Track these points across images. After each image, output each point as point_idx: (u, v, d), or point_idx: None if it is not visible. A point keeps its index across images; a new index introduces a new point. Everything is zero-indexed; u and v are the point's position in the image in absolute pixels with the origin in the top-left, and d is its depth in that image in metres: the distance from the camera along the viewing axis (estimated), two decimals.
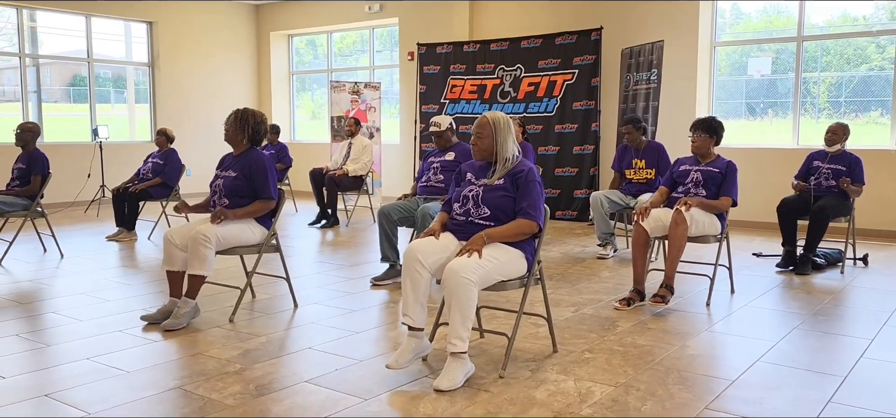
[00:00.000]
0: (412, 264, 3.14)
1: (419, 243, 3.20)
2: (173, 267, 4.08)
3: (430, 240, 3.24)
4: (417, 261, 3.13)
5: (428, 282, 3.17)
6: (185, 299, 4.03)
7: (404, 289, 3.17)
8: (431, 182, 5.23)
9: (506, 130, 3.38)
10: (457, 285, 3.00)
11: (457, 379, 3.06)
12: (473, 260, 3.06)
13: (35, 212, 6.09)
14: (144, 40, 11.18)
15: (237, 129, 4.26)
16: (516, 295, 4.53)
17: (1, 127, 10.28)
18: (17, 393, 3.04)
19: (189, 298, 4.03)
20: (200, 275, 3.99)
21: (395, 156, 10.76)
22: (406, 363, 3.18)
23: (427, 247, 3.18)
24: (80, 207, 9.75)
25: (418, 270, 3.13)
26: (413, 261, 3.13)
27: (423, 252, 3.15)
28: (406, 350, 3.20)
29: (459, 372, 3.08)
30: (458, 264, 3.04)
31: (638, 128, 6.25)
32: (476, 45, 9.39)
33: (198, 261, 3.95)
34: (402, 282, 3.21)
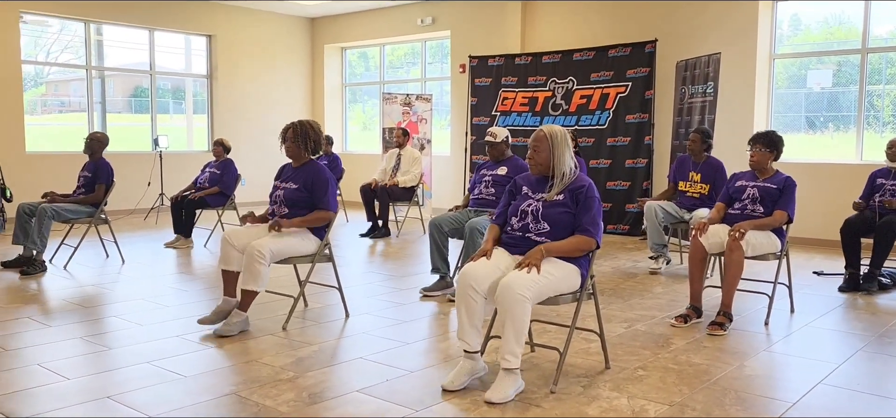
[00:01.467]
0: (466, 290, 3.14)
1: (472, 268, 3.20)
2: (229, 266, 4.17)
3: (482, 263, 3.22)
4: (471, 288, 3.13)
5: (482, 306, 3.17)
6: (237, 311, 4.11)
7: (459, 314, 3.19)
8: (483, 195, 5.22)
9: (563, 144, 3.36)
10: (512, 301, 2.99)
11: (508, 393, 3.04)
12: (531, 275, 3.05)
13: (98, 219, 6.29)
14: (204, 53, 11.50)
15: (298, 143, 4.33)
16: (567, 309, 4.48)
17: (69, 135, 10.69)
18: (81, 393, 3.14)
19: (241, 311, 4.11)
20: (253, 291, 4.06)
21: (445, 167, 10.80)
22: (461, 384, 3.19)
23: (480, 272, 3.17)
24: (140, 214, 10.05)
25: (472, 296, 3.14)
26: (466, 288, 3.14)
27: (475, 277, 3.15)
28: (462, 371, 3.21)
29: (511, 386, 3.06)
30: (514, 279, 3.03)
31: (704, 139, 6.13)
32: (528, 57, 9.37)
33: (251, 277, 4.03)
34: (456, 307, 3.22)
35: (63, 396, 3.10)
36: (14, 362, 3.57)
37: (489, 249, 3.31)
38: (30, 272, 5.78)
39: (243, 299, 4.09)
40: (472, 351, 3.21)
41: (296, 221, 4.23)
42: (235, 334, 4.07)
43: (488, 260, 3.23)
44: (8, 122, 9.13)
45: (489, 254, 3.27)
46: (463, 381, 3.19)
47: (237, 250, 4.13)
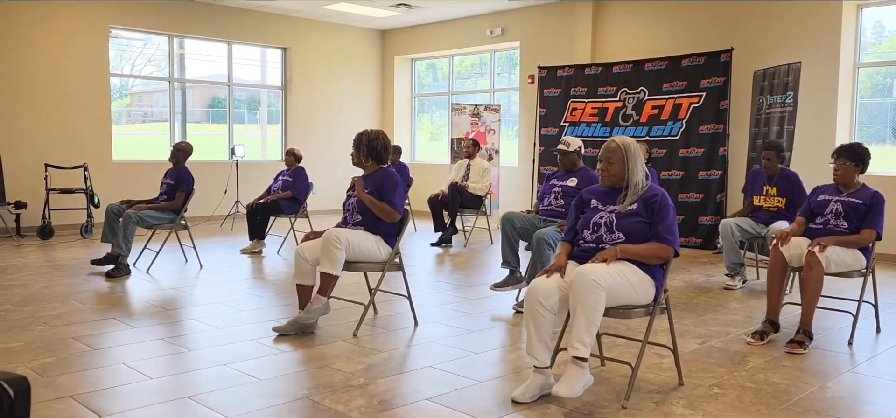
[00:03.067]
0: (534, 306, 3.13)
1: (540, 284, 3.18)
2: (303, 281, 4.28)
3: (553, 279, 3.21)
4: (539, 303, 3.12)
5: (551, 322, 3.16)
6: (316, 296, 4.22)
7: (527, 330, 3.18)
8: (552, 206, 5.18)
9: (636, 155, 3.33)
10: (585, 288, 2.97)
11: (576, 389, 3.01)
12: (603, 267, 3.03)
13: (179, 225, 6.55)
14: (278, 65, 11.83)
15: (358, 152, 4.47)
16: (637, 323, 4.41)
17: (151, 144, 11.17)
18: (162, 393, 3.27)
19: (320, 295, 4.21)
20: (331, 274, 4.16)
21: (513, 178, 10.77)
22: (531, 398, 3.18)
23: (548, 288, 3.16)
24: (217, 221, 10.40)
25: (540, 312, 3.13)
26: (535, 304, 3.13)
27: (544, 293, 3.14)
28: (531, 386, 3.20)
29: (579, 381, 3.03)
30: (589, 268, 3.03)
31: (779, 154, 5.94)
32: (598, 67, 9.27)
33: (328, 260, 4.14)
34: (524, 322, 3.21)
35: (146, 395, 3.24)
36: (101, 361, 3.75)
37: (563, 265, 3.28)
38: (115, 275, 6.06)
39: (322, 283, 4.21)
40: (542, 366, 3.19)
41: (368, 199, 4.34)
42: (315, 321, 4.18)
43: (562, 277, 3.21)
44: (97, 132, 9.61)
45: (563, 270, 3.25)
46: (533, 394, 3.18)
47: (310, 264, 4.25)
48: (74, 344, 4.02)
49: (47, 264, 6.71)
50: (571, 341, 3.02)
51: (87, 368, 3.60)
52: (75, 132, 9.40)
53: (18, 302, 5.08)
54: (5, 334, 4.21)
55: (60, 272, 6.29)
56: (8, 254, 7.34)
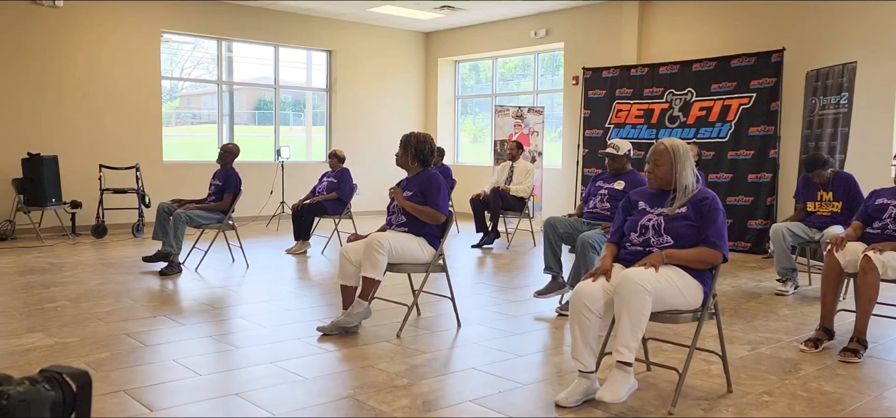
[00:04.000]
0: (580, 310, 3.10)
1: (585, 288, 3.15)
2: (347, 281, 4.32)
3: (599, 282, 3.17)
4: (585, 307, 3.09)
5: (596, 325, 3.12)
6: (358, 300, 4.25)
7: (573, 334, 3.15)
8: (598, 209, 5.13)
9: (685, 158, 3.27)
10: (631, 292, 2.93)
11: (620, 394, 2.98)
12: (650, 272, 2.98)
13: (227, 225, 6.68)
14: (324, 67, 11.97)
15: (405, 154, 4.48)
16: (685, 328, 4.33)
17: (200, 146, 11.41)
18: (211, 389, 3.34)
19: (362, 299, 4.24)
20: (373, 278, 4.18)
21: (556, 180, 10.70)
22: (575, 402, 3.14)
23: (594, 291, 3.12)
24: (263, 221, 10.57)
25: (586, 316, 3.09)
26: (580, 307, 3.10)
27: (589, 297, 3.10)
28: (576, 390, 3.16)
29: (623, 386, 2.99)
30: (635, 272, 2.99)
31: (823, 167, 5.76)
32: (644, 68, 9.14)
33: (370, 264, 4.16)
34: (570, 325, 3.18)
35: (196, 391, 3.31)
36: (152, 357, 3.84)
37: (608, 268, 3.24)
38: (167, 272, 6.21)
39: (364, 287, 4.23)
40: (587, 371, 3.16)
41: (410, 205, 4.36)
42: (357, 325, 4.21)
43: (607, 280, 3.17)
44: (149, 134, 9.85)
45: (608, 274, 3.21)
46: (577, 399, 3.14)
47: (354, 265, 4.28)
48: (127, 341, 4.13)
49: (101, 262, 6.91)
50: (616, 345, 2.98)
51: (140, 364, 3.70)
52: (128, 134, 9.66)
53: (74, 298, 5.24)
54: (62, 329, 4.35)
55: (113, 270, 6.46)
56: (64, 251, 7.58)
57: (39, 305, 4.99)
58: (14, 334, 4.22)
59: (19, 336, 4.19)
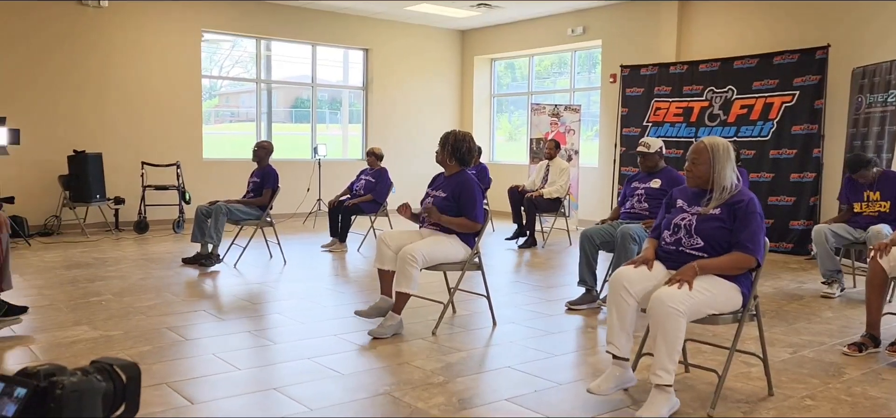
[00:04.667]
0: (618, 292, 3.06)
1: (626, 271, 3.12)
2: (384, 265, 4.35)
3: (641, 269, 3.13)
4: (624, 289, 3.05)
5: (635, 310, 3.08)
6: (391, 313, 4.26)
7: (610, 317, 3.11)
8: (635, 209, 5.08)
9: (725, 157, 3.19)
10: (664, 316, 2.88)
11: (661, 412, 2.93)
12: (683, 290, 2.92)
13: (265, 221, 6.77)
14: (360, 65, 12.05)
15: (444, 152, 4.47)
16: (724, 330, 4.27)
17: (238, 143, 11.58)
18: (250, 384, 3.39)
19: (395, 313, 4.25)
20: (406, 293, 4.19)
21: (593, 179, 10.61)
22: (608, 390, 3.11)
23: (634, 275, 3.09)
24: (300, 218, 10.68)
25: (625, 298, 3.05)
26: (619, 289, 3.06)
27: (629, 280, 3.07)
28: (609, 377, 3.13)
29: (664, 405, 2.95)
30: (667, 293, 2.92)
31: (867, 167, 5.62)
32: (683, 66, 9.02)
33: (404, 278, 4.17)
34: (607, 310, 3.15)
35: (235, 385, 3.36)
36: (193, 351, 3.91)
37: (651, 258, 3.19)
38: (207, 265, 6.32)
39: (397, 301, 4.24)
40: (621, 357, 3.12)
41: (445, 219, 4.35)
42: (389, 336, 4.22)
43: (649, 270, 3.13)
44: (189, 132, 10.03)
45: (650, 263, 3.16)
46: (610, 387, 3.11)
47: (391, 250, 4.31)
48: (168, 334, 4.21)
49: (143, 257, 7.06)
50: (654, 369, 2.93)
51: (181, 357, 3.77)
52: (169, 131, 9.85)
53: (117, 292, 5.36)
54: (106, 322, 4.45)
55: (154, 265, 6.60)
56: (108, 246, 7.76)
57: (85, 299, 5.12)
58: (61, 326, 4.33)
59: (66, 328, 4.30)
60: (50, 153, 8.80)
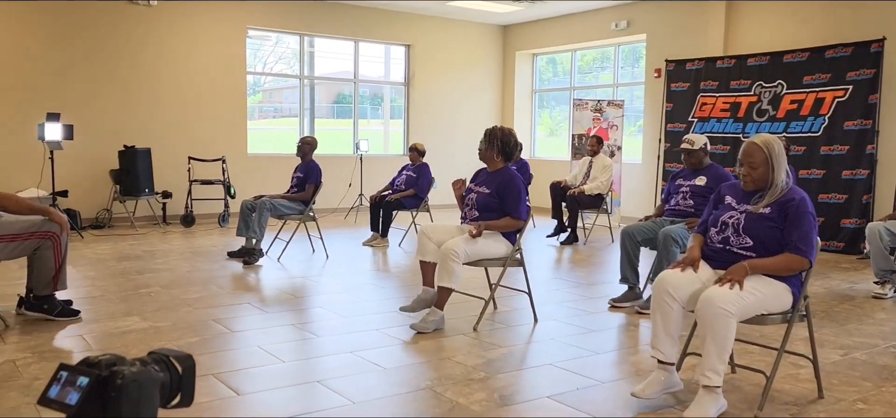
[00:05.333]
0: (662, 297, 3.02)
1: (670, 275, 3.06)
2: (426, 257, 4.36)
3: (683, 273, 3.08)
4: (668, 295, 3.01)
5: (679, 315, 3.03)
6: (434, 309, 4.28)
7: (654, 322, 3.07)
8: (680, 207, 4.99)
9: (780, 155, 3.10)
10: (714, 316, 2.82)
11: (709, 413, 2.88)
12: (733, 290, 2.86)
13: (307, 216, 6.85)
14: (402, 61, 12.10)
15: (489, 147, 4.47)
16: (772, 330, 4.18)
17: (282, 139, 11.74)
18: (294, 376, 3.44)
19: (437, 309, 4.26)
20: (448, 288, 4.20)
21: (636, 175, 10.48)
22: (653, 395, 3.07)
23: (678, 280, 3.03)
24: (341, 213, 10.79)
25: (669, 303, 3.01)
26: (663, 295, 3.02)
27: (673, 284, 3.02)
28: (654, 382, 3.09)
29: (712, 406, 2.90)
30: (716, 293, 2.86)
31: None
32: (731, 60, 8.84)
33: (446, 274, 4.18)
34: (651, 314, 3.11)
35: (279, 377, 3.41)
36: (238, 343, 3.98)
37: (697, 258, 3.13)
38: (250, 261, 6.43)
39: (439, 296, 4.25)
40: (667, 362, 3.07)
41: (490, 225, 4.34)
42: (430, 331, 4.24)
43: (695, 271, 3.08)
44: (234, 127, 10.21)
45: (696, 264, 3.11)
46: (655, 392, 3.07)
47: (433, 242, 4.32)
48: (214, 326, 4.29)
49: (189, 250, 7.21)
50: (703, 369, 2.88)
51: (226, 349, 3.84)
52: (215, 127, 10.03)
53: (165, 284, 5.49)
54: (155, 314, 4.57)
55: (201, 258, 6.73)
56: (156, 239, 7.95)
57: (134, 290, 5.26)
58: (113, 317, 4.46)
59: (117, 319, 4.42)
60: (101, 148, 9.04)
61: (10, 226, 4.08)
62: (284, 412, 2.96)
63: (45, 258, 4.14)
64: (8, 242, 4.05)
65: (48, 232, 4.13)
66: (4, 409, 2.92)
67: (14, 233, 4.07)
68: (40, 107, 8.37)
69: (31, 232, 4.10)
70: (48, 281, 4.19)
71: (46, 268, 4.16)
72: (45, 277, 4.18)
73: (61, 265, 4.21)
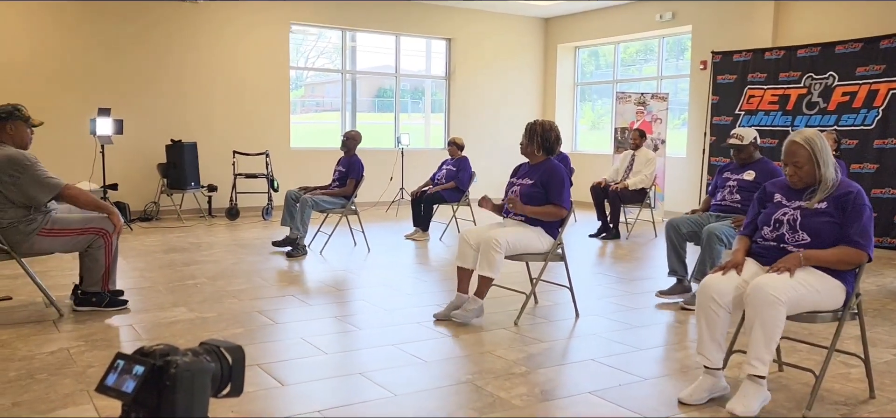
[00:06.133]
0: (707, 303, 2.97)
1: (714, 281, 3.01)
2: (465, 264, 4.36)
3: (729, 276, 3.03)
4: (712, 301, 2.96)
5: (725, 320, 2.98)
6: (473, 297, 4.28)
7: (699, 327, 3.02)
8: (726, 201, 4.90)
9: (824, 149, 3.04)
10: (763, 303, 2.77)
11: (752, 406, 2.83)
12: (784, 278, 2.81)
13: (349, 210, 6.91)
14: (443, 55, 12.11)
15: (530, 142, 4.45)
16: (822, 328, 4.09)
17: (324, 133, 11.86)
18: (337, 368, 3.48)
19: (477, 297, 4.27)
20: (489, 277, 4.20)
21: (680, 169, 10.32)
22: (700, 400, 3.02)
23: (723, 284, 2.98)
24: (383, 207, 10.86)
25: (714, 309, 2.96)
26: (708, 301, 2.97)
27: (718, 290, 2.96)
28: (701, 387, 3.04)
29: (756, 398, 2.85)
30: (768, 280, 2.81)
31: None
32: (780, 51, 8.62)
33: (487, 263, 4.18)
34: (696, 319, 3.06)
35: (322, 368, 3.46)
36: (282, 334, 4.05)
37: (740, 262, 3.08)
38: (294, 254, 6.52)
39: (480, 285, 4.26)
40: (713, 367, 3.03)
41: (529, 209, 4.32)
42: (471, 320, 4.24)
43: (738, 274, 3.02)
44: (278, 122, 10.35)
45: (740, 268, 3.05)
46: (702, 397, 3.02)
47: (473, 249, 4.31)
48: (259, 317, 4.37)
49: (234, 243, 7.34)
50: (749, 358, 2.83)
51: (271, 340, 3.91)
52: (259, 122, 10.19)
53: (211, 276, 5.60)
54: (201, 305, 4.66)
55: (245, 250, 6.85)
56: (202, 232, 8.12)
57: (181, 281, 5.38)
58: (161, 308, 4.57)
59: (165, 309, 4.53)
60: (150, 143, 9.27)
61: (67, 221, 4.22)
62: (327, 403, 3.00)
63: (97, 257, 4.26)
64: (64, 236, 4.19)
65: (102, 228, 4.25)
66: (59, 395, 3.03)
67: (70, 227, 4.20)
68: (92, 102, 8.61)
69: (86, 226, 4.23)
70: (98, 279, 4.32)
71: (97, 266, 4.28)
72: (95, 275, 4.31)
73: (111, 264, 4.33)
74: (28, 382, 3.17)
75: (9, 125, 4.14)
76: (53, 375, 3.26)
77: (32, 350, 3.63)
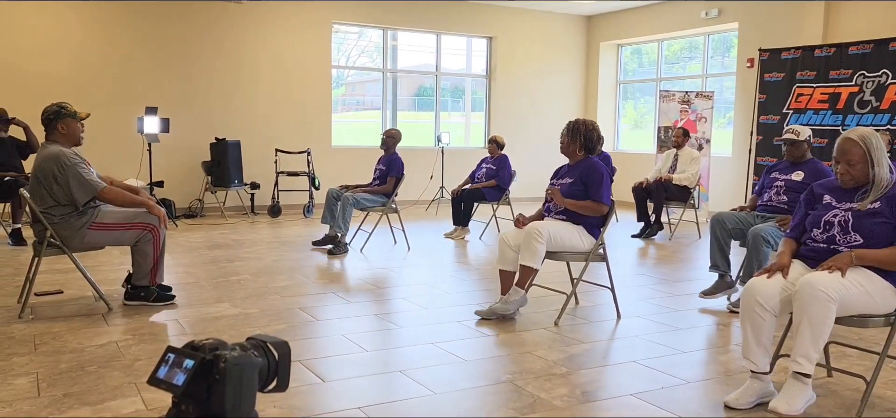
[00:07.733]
0: (753, 307, 2.91)
1: (759, 284, 2.95)
2: (506, 266, 4.35)
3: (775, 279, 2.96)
4: (758, 305, 2.90)
5: (771, 324, 2.91)
6: (515, 288, 4.27)
7: (744, 332, 2.97)
8: (772, 202, 4.79)
9: (880, 149, 2.95)
10: (812, 299, 2.71)
11: (796, 406, 2.77)
12: (835, 276, 2.74)
13: (390, 208, 6.95)
14: (483, 54, 12.09)
15: (571, 140, 4.42)
16: (872, 333, 3.98)
17: (365, 131, 11.95)
18: (377, 365, 3.50)
19: (519, 287, 4.26)
20: (530, 267, 4.19)
21: (725, 169, 10.13)
22: (747, 405, 2.96)
23: (768, 288, 2.91)
24: (423, 205, 10.89)
25: (759, 314, 2.90)
26: (753, 305, 2.91)
27: (763, 294, 2.90)
28: (748, 392, 2.98)
29: (800, 398, 2.78)
30: (818, 277, 2.75)
31: None
32: (830, 48, 8.40)
33: (529, 253, 4.16)
34: (741, 323, 3.00)
35: (363, 366, 3.48)
36: (323, 331, 4.09)
37: (786, 265, 3.01)
38: (335, 252, 6.58)
39: (521, 275, 4.25)
40: (760, 372, 2.97)
41: (570, 202, 4.29)
42: (513, 312, 4.23)
43: (784, 277, 2.95)
44: (319, 120, 10.47)
45: (786, 271, 2.99)
46: (750, 401, 2.96)
47: (513, 251, 4.30)
48: (300, 314, 4.42)
49: (276, 240, 7.44)
50: (794, 355, 2.77)
51: (312, 337, 3.95)
52: (301, 120, 10.31)
53: (254, 273, 5.69)
54: (245, 301, 4.74)
55: (287, 248, 6.94)
56: (244, 229, 8.25)
57: (225, 278, 5.47)
58: (205, 303, 4.66)
59: (209, 305, 4.61)
60: (194, 141, 9.45)
61: (112, 216, 4.33)
62: (368, 400, 3.02)
63: (145, 251, 4.37)
64: (110, 230, 4.31)
65: (148, 224, 4.35)
66: (108, 387, 3.11)
67: (116, 221, 4.32)
68: (139, 101, 8.82)
69: (131, 222, 4.34)
70: (147, 273, 4.42)
71: (146, 260, 4.39)
72: (144, 269, 4.42)
73: (159, 258, 4.43)
74: (78, 374, 3.27)
75: (60, 124, 4.26)
76: (102, 368, 3.35)
77: (82, 342, 3.74)
